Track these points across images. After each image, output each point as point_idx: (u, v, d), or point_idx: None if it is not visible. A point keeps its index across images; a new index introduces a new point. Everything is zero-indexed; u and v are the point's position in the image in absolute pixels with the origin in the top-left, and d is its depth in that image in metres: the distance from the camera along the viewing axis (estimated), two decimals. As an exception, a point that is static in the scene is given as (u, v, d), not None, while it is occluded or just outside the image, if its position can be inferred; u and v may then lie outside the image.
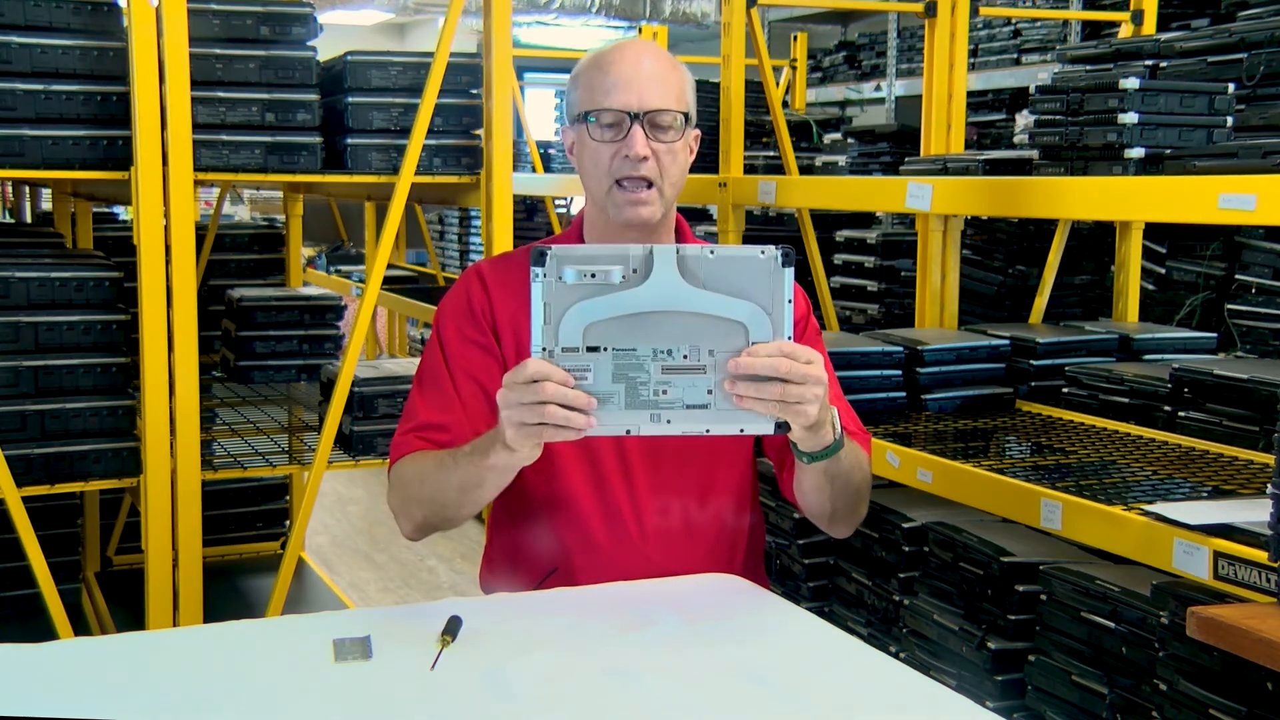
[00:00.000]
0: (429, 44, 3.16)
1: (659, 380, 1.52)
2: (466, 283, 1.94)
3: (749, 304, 1.52)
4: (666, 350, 1.51)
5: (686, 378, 1.52)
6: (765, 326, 1.52)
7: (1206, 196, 2.02)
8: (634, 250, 1.50)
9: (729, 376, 1.51)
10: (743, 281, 1.51)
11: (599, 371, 1.51)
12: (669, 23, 7.13)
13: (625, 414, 1.52)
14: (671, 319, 1.51)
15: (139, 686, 1.45)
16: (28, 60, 2.74)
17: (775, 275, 1.51)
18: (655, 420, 1.53)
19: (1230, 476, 2.24)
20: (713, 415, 1.53)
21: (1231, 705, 1.82)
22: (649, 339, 1.51)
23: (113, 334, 2.86)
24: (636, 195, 1.82)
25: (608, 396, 1.51)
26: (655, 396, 1.52)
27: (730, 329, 1.52)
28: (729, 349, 1.52)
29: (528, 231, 6.45)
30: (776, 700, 1.43)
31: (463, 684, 1.45)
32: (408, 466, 1.85)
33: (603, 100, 1.82)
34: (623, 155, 1.81)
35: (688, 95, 1.87)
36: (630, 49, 1.86)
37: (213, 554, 3.98)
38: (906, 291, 3.75)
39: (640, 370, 1.51)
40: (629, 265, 1.50)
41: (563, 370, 1.50)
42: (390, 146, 3.08)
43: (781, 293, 1.52)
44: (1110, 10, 4.61)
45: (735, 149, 3.58)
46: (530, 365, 1.51)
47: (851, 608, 2.71)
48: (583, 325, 1.50)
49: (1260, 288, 3.40)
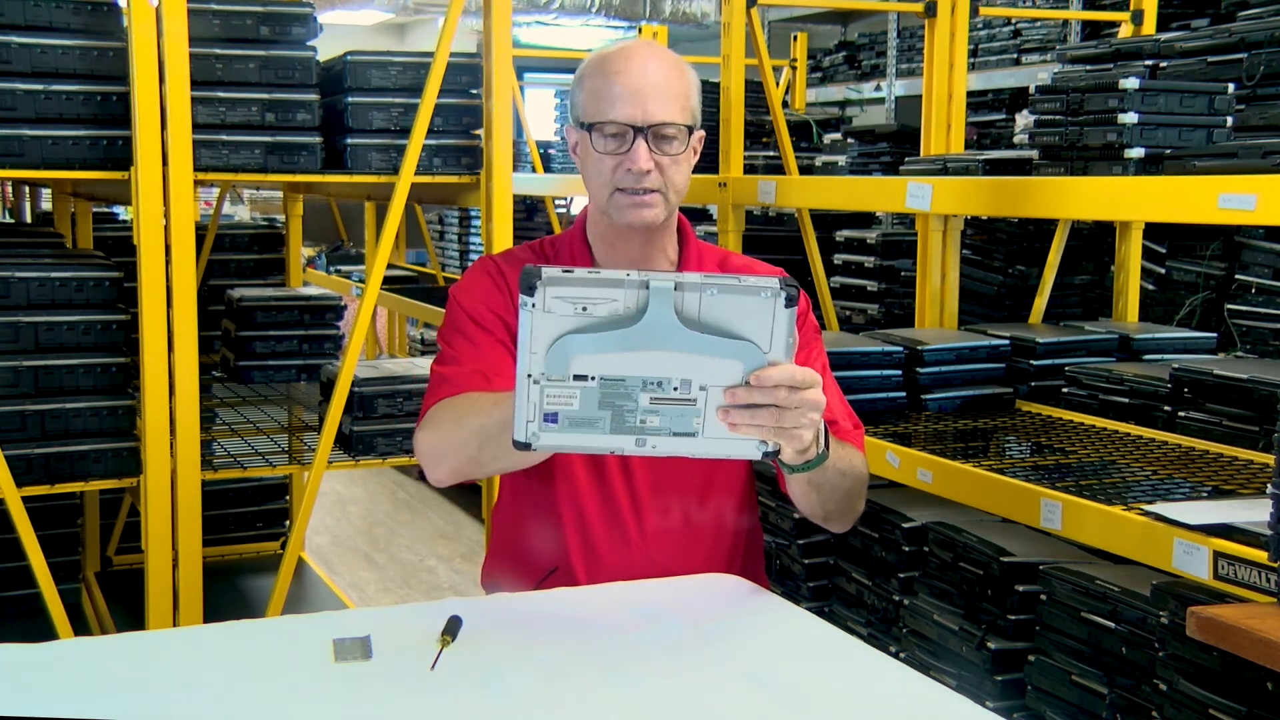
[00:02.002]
0: (429, 44, 3.16)
1: (646, 409, 1.47)
2: (484, 268, 1.94)
3: (748, 345, 1.45)
4: (656, 382, 1.46)
5: (676, 408, 1.47)
6: (762, 366, 1.46)
7: (1206, 196, 2.01)
8: (629, 281, 1.42)
9: (723, 406, 1.47)
10: (743, 320, 1.45)
11: (585, 398, 1.45)
12: (669, 23, 7.13)
13: (609, 437, 1.47)
14: (664, 352, 1.44)
15: (139, 686, 1.44)
16: (28, 60, 2.74)
17: (778, 315, 1.44)
18: (640, 445, 1.48)
19: (1230, 476, 2.24)
20: (700, 443, 1.49)
21: (1231, 705, 1.82)
22: (640, 369, 1.45)
23: (113, 334, 2.86)
24: (639, 199, 1.81)
25: (592, 421, 1.46)
26: (641, 423, 1.47)
27: (726, 366, 1.46)
28: (723, 383, 1.46)
29: (528, 231, 6.44)
30: (776, 700, 1.43)
31: (463, 684, 1.45)
32: (446, 407, 1.78)
33: (607, 111, 1.79)
34: (625, 168, 1.79)
35: (693, 103, 1.85)
36: (636, 56, 1.83)
37: (213, 554, 3.98)
38: (906, 291, 3.75)
39: (628, 399, 1.46)
40: (624, 300, 1.43)
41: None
42: (390, 146, 3.08)
43: (783, 333, 1.45)
44: (1110, 10, 4.61)
45: (735, 149, 3.58)
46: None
47: (851, 608, 2.71)
48: (570, 356, 1.43)
49: (1260, 288, 3.39)
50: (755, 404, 1.46)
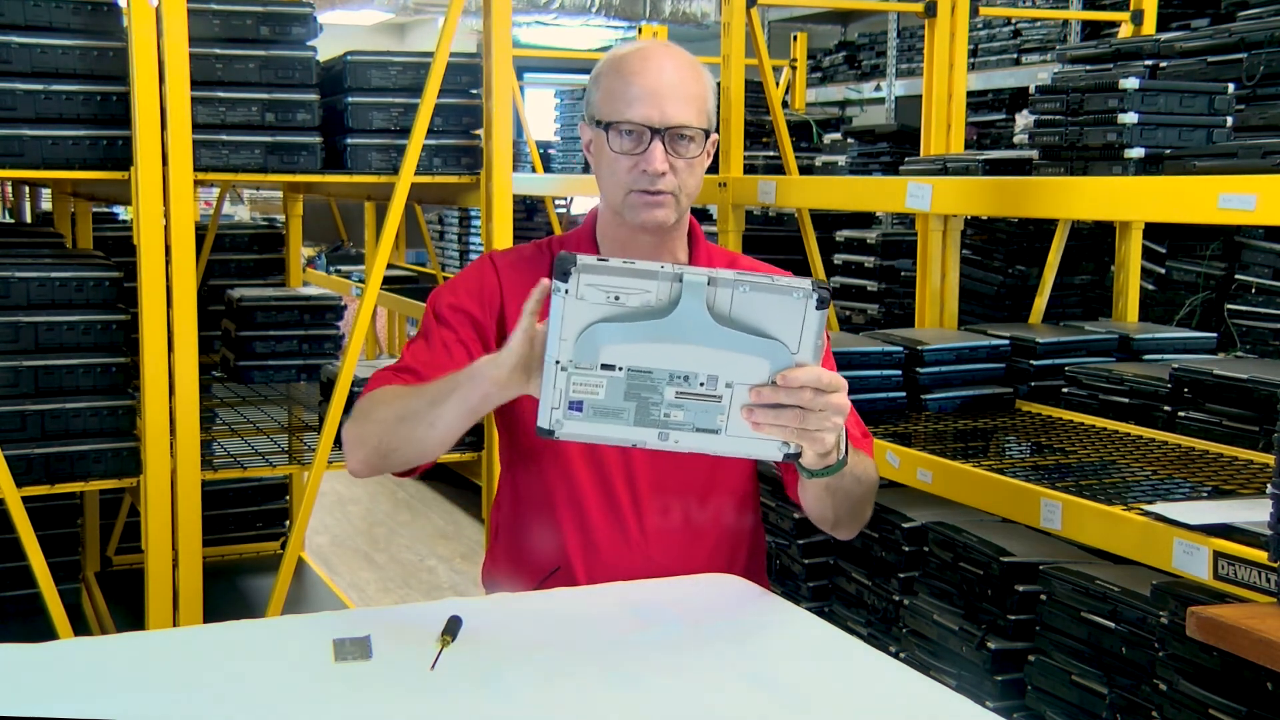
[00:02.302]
0: (429, 44, 3.17)
1: (671, 403, 1.47)
2: (481, 266, 1.94)
3: (777, 344, 1.46)
4: (684, 376, 1.46)
5: (700, 404, 1.48)
6: (789, 367, 1.47)
7: (1206, 196, 2.01)
8: (663, 274, 1.43)
9: (747, 404, 1.47)
10: (773, 319, 1.45)
11: (611, 388, 1.46)
12: (669, 23, 7.12)
13: (632, 429, 1.48)
14: (693, 346, 1.45)
15: (139, 686, 1.44)
16: (28, 60, 2.74)
17: (808, 317, 1.45)
18: (663, 439, 1.49)
19: (1230, 476, 2.24)
20: (722, 440, 1.50)
21: (1231, 705, 1.82)
22: (667, 362, 1.46)
23: (113, 334, 2.86)
24: (653, 199, 1.81)
25: (617, 412, 1.47)
26: (665, 417, 1.48)
27: (753, 364, 1.46)
28: (749, 382, 1.47)
29: (528, 231, 6.44)
30: (777, 700, 1.43)
31: (463, 684, 1.45)
32: (368, 399, 1.82)
33: (624, 111, 1.79)
34: (640, 169, 1.79)
35: (709, 106, 1.84)
36: (654, 57, 1.82)
37: (213, 554, 3.98)
38: (906, 291, 3.75)
39: (654, 391, 1.47)
40: (656, 292, 1.44)
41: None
42: (390, 146, 3.08)
43: (812, 334, 1.46)
44: (1110, 10, 4.61)
45: (735, 149, 3.58)
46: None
47: (851, 608, 2.71)
48: (600, 344, 1.44)
49: (1260, 288, 3.39)
50: (780, 404, 1.47)
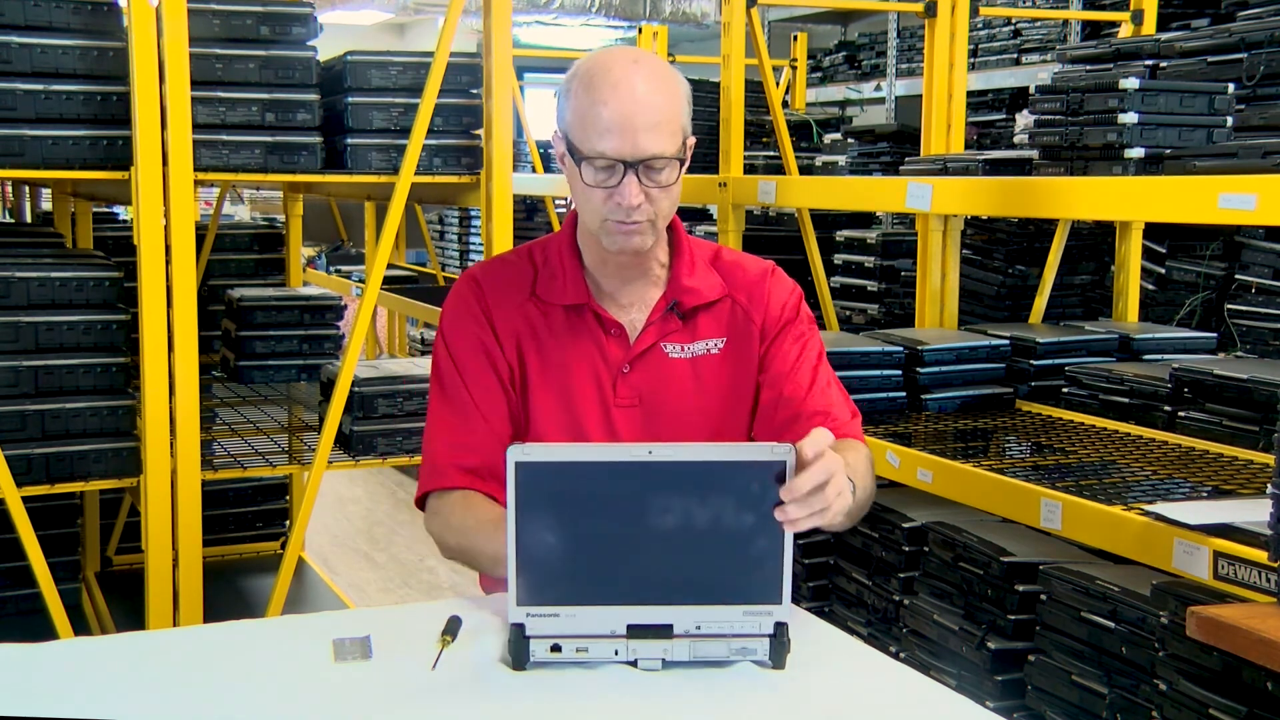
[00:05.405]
0: (429, 44, 3.16)
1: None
2: (461, 291, 1.92)
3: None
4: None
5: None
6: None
7: (1206, 196, 2.01)
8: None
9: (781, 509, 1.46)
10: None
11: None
12: (669, 23, 7.12)
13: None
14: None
15: (139, 686, 1.44)
16: (28, 60, 2.73)
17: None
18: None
19: (1230, 476, 2.24)
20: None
21: (1231, 705, 1.82)
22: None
23: (113, 334, 2.86)
24: (629, 227, 1.77)
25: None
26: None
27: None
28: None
29: (528, 231, 6.45)
30: (777, 700, 1.43)
31: (463, 684, 1.45)
32: (452, 513, 1.83)
33: (596, 144, 1.73)
34: (615, 201, 1.75)
35: (683, 121, 1.78)
36: (624, 79, 1.74)
37: (213, 554, 3.98)
38: (906, 291, 3.75)
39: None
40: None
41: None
42: (390, 146, 3.08)
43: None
44: (1110, 10, 4.61)
45: (735, 149, 3.58)
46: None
47: (851, 608, 2.71)
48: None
49: (1260, 288, 3.40)
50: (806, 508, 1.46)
